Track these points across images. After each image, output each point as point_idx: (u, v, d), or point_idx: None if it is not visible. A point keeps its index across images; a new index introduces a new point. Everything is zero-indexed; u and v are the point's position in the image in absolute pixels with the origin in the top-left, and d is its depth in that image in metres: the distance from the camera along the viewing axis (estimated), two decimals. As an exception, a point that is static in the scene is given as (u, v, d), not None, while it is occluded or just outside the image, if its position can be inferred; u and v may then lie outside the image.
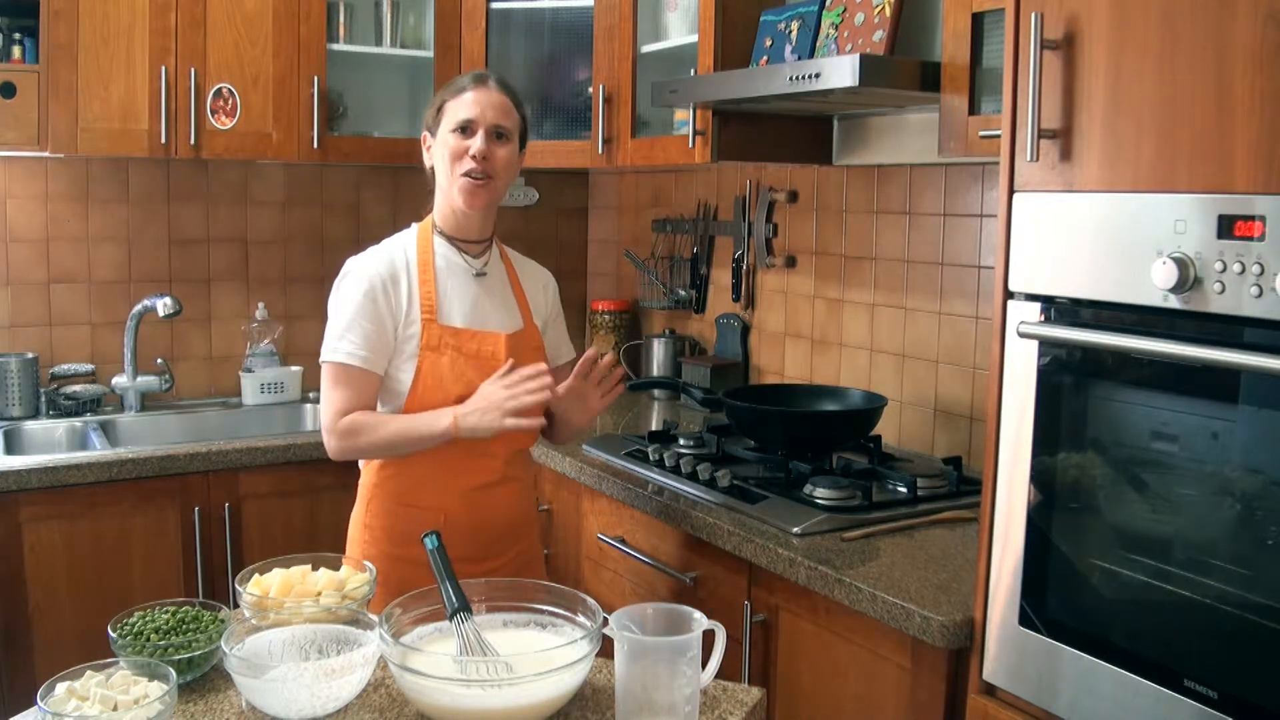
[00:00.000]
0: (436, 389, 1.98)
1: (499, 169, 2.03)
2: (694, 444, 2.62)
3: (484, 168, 2.00)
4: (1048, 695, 1.59)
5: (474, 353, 2.01)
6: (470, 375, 1.99)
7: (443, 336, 2.00)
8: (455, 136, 2.02)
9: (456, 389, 1.98)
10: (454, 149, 2.02)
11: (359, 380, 1.98)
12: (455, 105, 2.03)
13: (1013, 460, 1.63)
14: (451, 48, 3.29)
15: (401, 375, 2.00)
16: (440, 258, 2.07)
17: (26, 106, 2.80)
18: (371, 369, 1.99)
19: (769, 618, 2.08)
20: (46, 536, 2.61)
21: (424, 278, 2.03)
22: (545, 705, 1.41)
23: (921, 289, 2.69)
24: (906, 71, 2.21)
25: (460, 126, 2.01)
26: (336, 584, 1.65)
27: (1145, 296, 1.43)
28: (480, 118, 2.01)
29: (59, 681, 1.38)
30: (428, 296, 2.02)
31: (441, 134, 2.04)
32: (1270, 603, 1.32)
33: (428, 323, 2.00)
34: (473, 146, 2.00)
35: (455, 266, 2.08)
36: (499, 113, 2.03)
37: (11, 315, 3.14)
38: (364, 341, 1.98)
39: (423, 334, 2.00)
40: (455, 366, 2.00)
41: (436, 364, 1.99)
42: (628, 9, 3.00)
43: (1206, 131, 1.36)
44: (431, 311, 2.01)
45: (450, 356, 2.00)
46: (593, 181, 3.95)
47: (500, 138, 2.03)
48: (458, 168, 2.01)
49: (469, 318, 2.05)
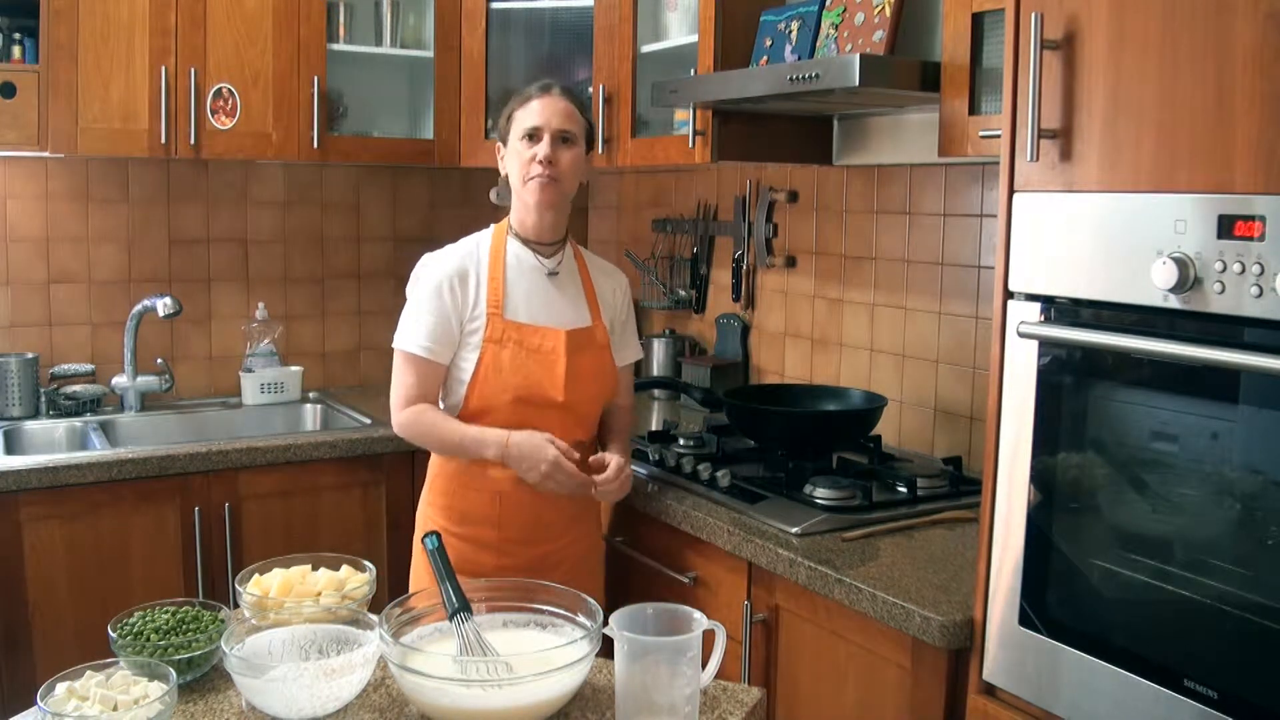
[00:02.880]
0: (495, 378, 2.14)
1: (565, 171, 2.17)
2: (694, 444, 2.62)
3: (550, 171, 2.15)
4: (1048, 695, 1.59)
5: (535, 347, 2.15)
6: (530, 367, 2.14)
7: (506, 330, 2.15)
8: (524, 144, 2.16)
9: (515, 379, 2.14)
10: (523, 155, 2.16)
11: (424, 369, 2.16)
12: (523, 114, 2.18)
13: (1013, 460, 1.63)
14: (451, 48, 3.29)
15: (464, 364, 2.15)
16: (512, 256, 2.22)
17: (26, 106, 2.80)
18: (435, 359, 2.15)
19: (769, 618, 2.08)
20: (46, 536, 2.61)
21: (493, 274, 2.18)
22: (545, 705, 1.41)
23: (921, 289, 2.69)
24: (906, 71, 2.21)
25: (528, 134, 2.16)
26: (336, 584, 1.65)
27: (1145, 296, 1.43)
28: (546, 124, 2.15)
29: (59, 681, 1.38)
30: (494, 293, 2.17)
31: (512, 142, 2.20)
32: (1270, 603, 1.32)
33: (492, 317, 2.15)
34: (539, 152, 2.14)
35: (527, 265, 2.22)
36: (563, 119, 2.17)
37: (11, 315, 3.14)
38: (429, 334, 2.14)
39: (487, 327, 2.15)
40: (515, 359, 2.14)
41: (498, 355, 2.14)
42: (628, 9, 3.00)
43: (1206, 131, 1.36)
44: (497, 307, 2.16)
45: (511, 350, 2.14)
46: (593, 181, 3.94)
47: (565, 142, 2.17)
48: (527, 171, 2.15)
49: (535, 314, 2.19)
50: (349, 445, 2.91)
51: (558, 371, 2.15)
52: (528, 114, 2.17)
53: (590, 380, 2.20)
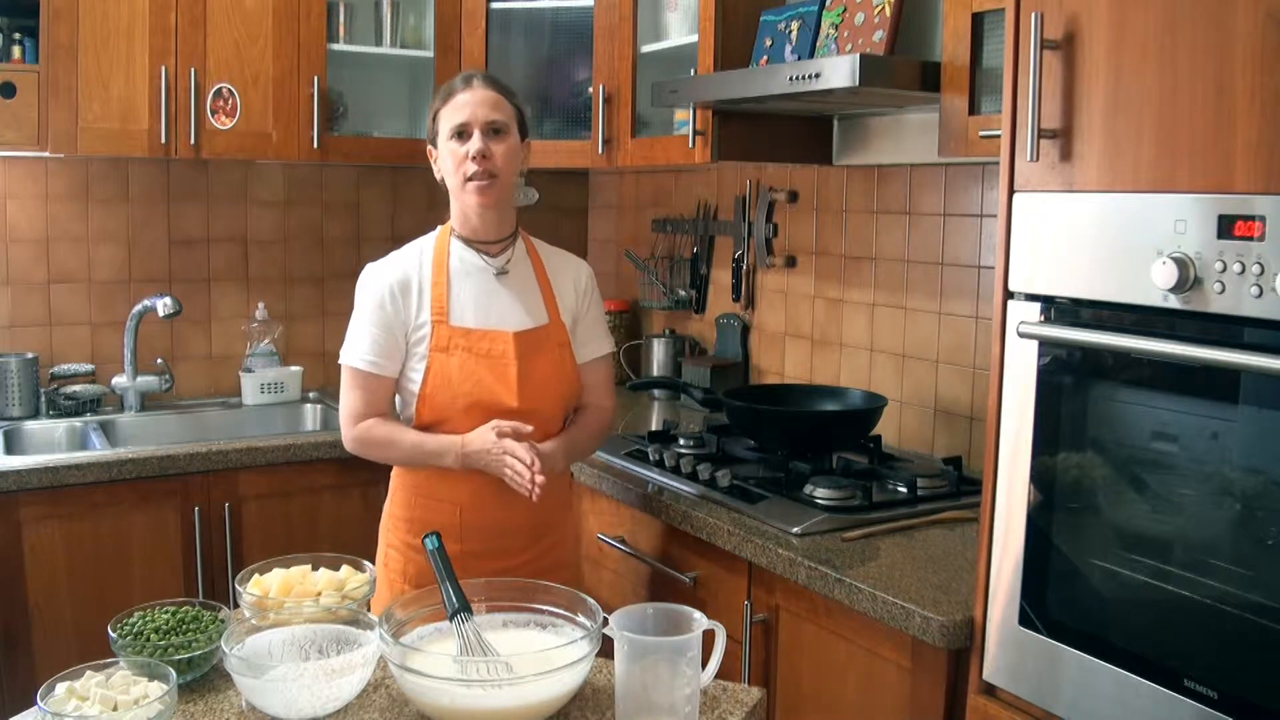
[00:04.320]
0: (445, 388, 2.04)
1: (500, 165, 2.05)
2: (694, 444, 2.62)
3: (485, 166, 2.04)
4: (1048, 695, 1.59)
5: (485, 351, 2.06)
6: (481, 374, 2.04)
7: (452, 337, 2.06)
8: (454, 143, 2.06)
9: (465, 387, 2.04)
10: (455, 155, 2.06)
11: (371, 383, 2.08)
12: (448, 112, 2.07)
13: (1013, 460, 1.63)
14: (451, 48, 3.29)
15: (413, 375, 2.07)
16: (456, 259, 2.12)
17: (26, 106, 2.80)
18: (381, 373, 2.07)
19: (769, 618, 2.08)
20: (46, 536, 2.61)
21: (436, 280, 2.09)
22: (545, 705, 1.41)
23: (921, 289, 2.69)
24: (906, 71, 2.21)
25: (456, 132, 2.05)
26: (336, 584, 1.65)
27: (1145, 296, 1.43)
28: (473, 118, 2.04)
29: (59, 681, 1.38)
30: (438, 299, 2.07)
31: (441, 143, 2.09)
32: (1270, 603, 1.32)
33: (437, 324, 2.06)
34: (470, 149, 2.03)
35: (472, 267, 2.12)
36: (490, 109, 2.05)
37: (11, 315, 3.14)
38: (373, 347, 2.06)
39: (432, 335, 2.05)
40: (465, 366, 2.05)
41: (446, 364, 2.05)
42: (628, 9, 3.00)
43: (1206, 131, 1.36)
44: (442, 314, 2.07)
45: (460, 357, 2.05)
46: (593, 181, 3.95)
47: (497, 134, 2.06)
48: (461, 172, 2.05)
49: (483, 317, 2.09)
50: (349, 445, 2.91)
51: (510, 376, 2.04)
52: (453, 110, 2.05)
53: (547, 382, 2.09)
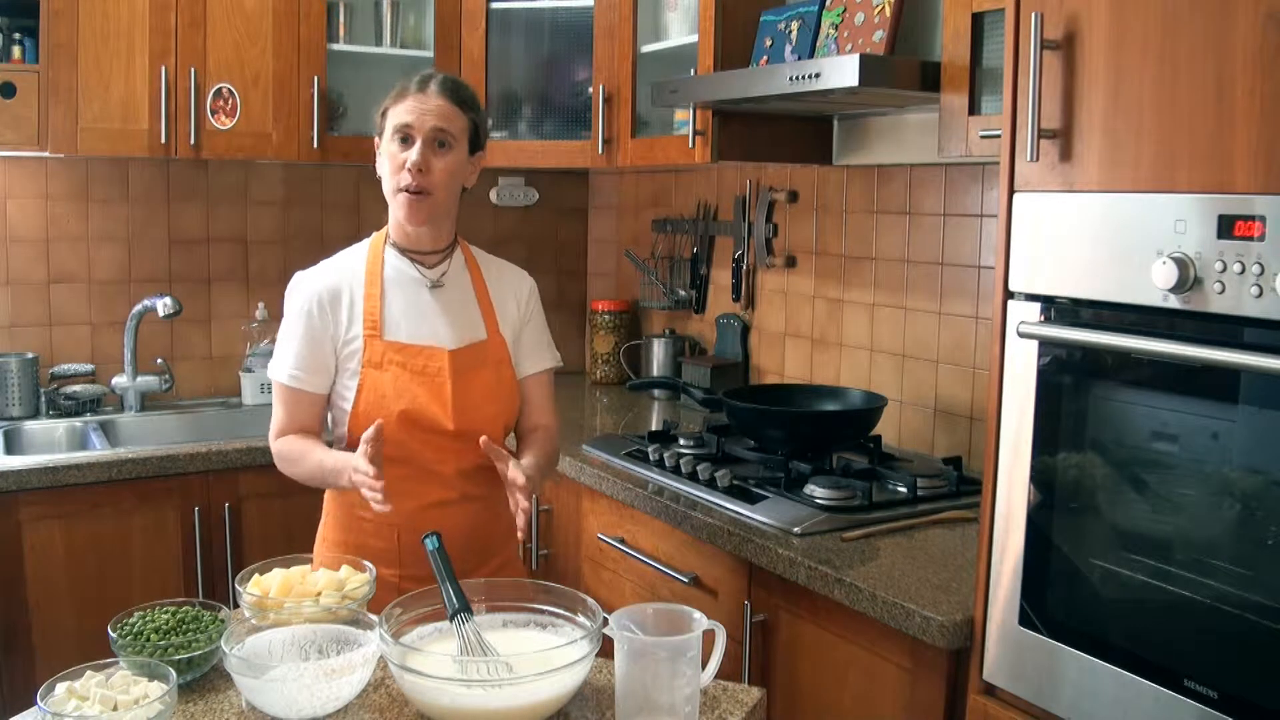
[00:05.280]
0: (378, 406, 1.90)
1: (437, 182, 1.90)
2: (694, 444, 2.62)
3: (420, 181, 1.88)
4: (1048, 695, 1.59)
5: (420, 369, 1.92)
6: (415, 390, 1.91)
7: (385, 352, 1.92)
8: (396, 145, 1.91)
9: (400, 405, 1.89)
10: (394, 159, 1.90)
11: (295, 399, 1.95)
12: (395, 111, 1.91)
13: (1013, 460, 1.63)
14: (451, 48, 3.29)
15: (345, 392, 1.94)
16: (391, 269, 1.98)
17: (26, 106, 2.80)
18: (306, 389, 1.94)
19: (769, 618, 2.08)
20: (46, 536, 2.61)
21: (369, 292, 1.95)
22: (545, 705, 1.41)
23: (921, 289, 2.69)
24: (906, 71, 2.21)
25: (400, 135, 1.90)
26: (336, 584, 1.65)
27: (1145, 296, 1.43)
28: (418, 125, 1.88)
29: (59, 681, 1.38)
30: (371, 312, 1.93)
31: (384, 142, 1.94)
32: (1270, 603, 1.32)
33: (370, 339, 1.92)
34: (409, 158, 1.88)
35: (406, 279, 1.98)
36: (439, 117, 1.89)
37: (11, 315, 3.14)
38: (298, 362, 1.93)
39: (364, 350, 1.92)
40: (398, 382, 1.91)
41: (379, 381, 1.91)
42: (628, 9, 3.00)
43: (1206, 131, 1.36)
44: (375, 327, 1.93)
45: (394, 373, 1.91)
46: (593, 181, 3.95)
47: (442, 146, 1.90)
48: (396, 180, 1.91)
49: (417, 332, 1.95)
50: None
51: (445, 394, 1.90)
52: (401, 111, 1.89)
53: (485, 401, 1.95)
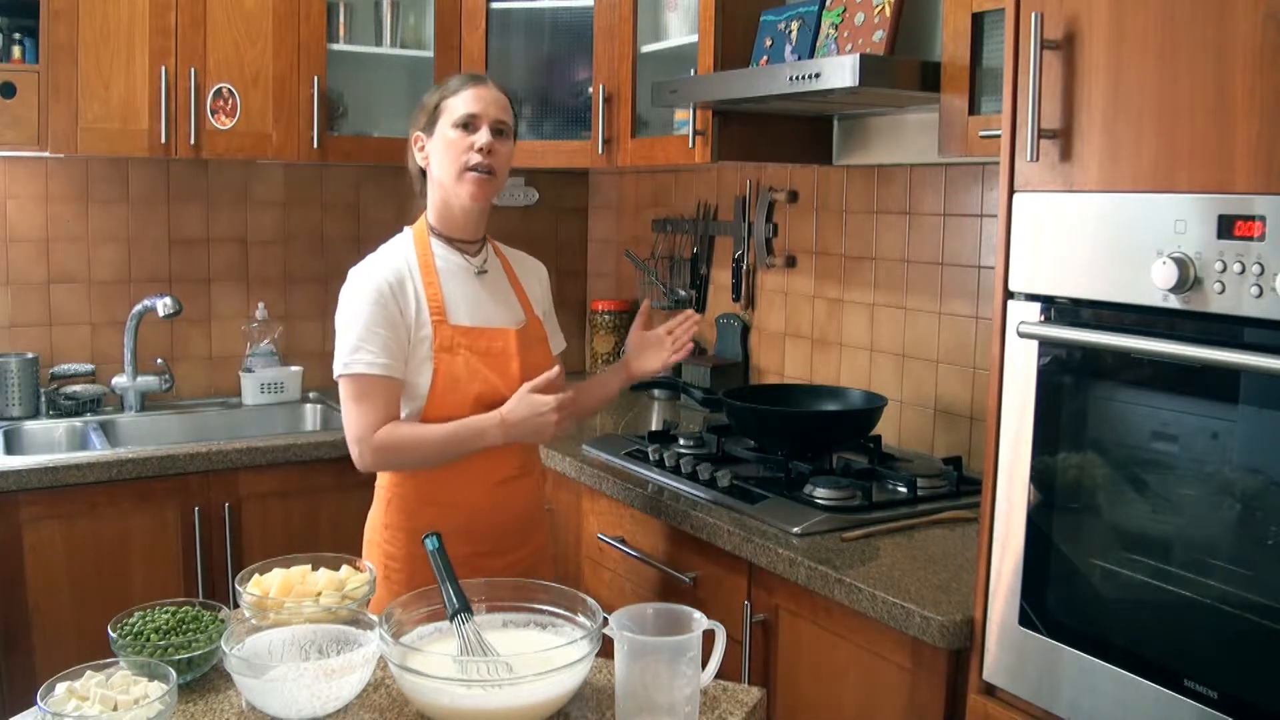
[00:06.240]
0: (454, 390, 1.99)
1: (500, 164, 2.06)
2: (694, 444, 2.62)
3: (489, 162, 2.02)
4: (1048, 695, 1.59)
5: (485, 350, 2.03)
6: (485, 373, 2.01)
7: (454, 337, 2.01)
8: (459, 132, 2.03)
9: (474, 388, 2.00)
10: (457, 144, 2.02)
11: (383, 389, 1.97)
12: (456, 101, 2.04)
13: (1013, 460, 1.63)
14: (451, 48, 3.29)
15: (419, 379, 2.00)
16: (440, 258, 2.08)
17: (26, 106, 2.80)
18: (394, 375, 1.98)
19: (769, 618, 2.08)
20: (46, 536, 2.61)
21: (428, 279, 2.04)
22: (545, 705, 1.41)
23: (921, 289, 2.69)
24: (906, 71, 2.21)
25: (463, 122, 2.03)
26: (336, 584, 1.65)
27: (1145, 296, 1.43)
28: (484, 113, 2.03)
29: (59, 681, 1.38)
30: (434, 298, 2.03)
31: (441, 131, 2.05)
32: (1270, 603, 1.32)
33: (438, 324, 2.01)
34: (478, 140, 2.02)
35: (455, 267, 2.09)
36: (499, 109, 2.06)
37: (11, 315, 3.14)
38: (382, 349, 1.96)
39: (435, 336, 2.00)
40: (470, 365, 2.01)
41: (452, 365, 2.00)
42: (628, 9, 3.00)
43: (1206, 131, 1.36)
44: (441, 313, 2.02)
45: (464, 356, 2.01)
46: (593, 181, 3.95)
47: (500, 134, 2.06)
48: (462, 161, 2.02)
49: (475, 316, 2.06)
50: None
51: (512, 372, 2.03)
52: (463, 101, 2.03)
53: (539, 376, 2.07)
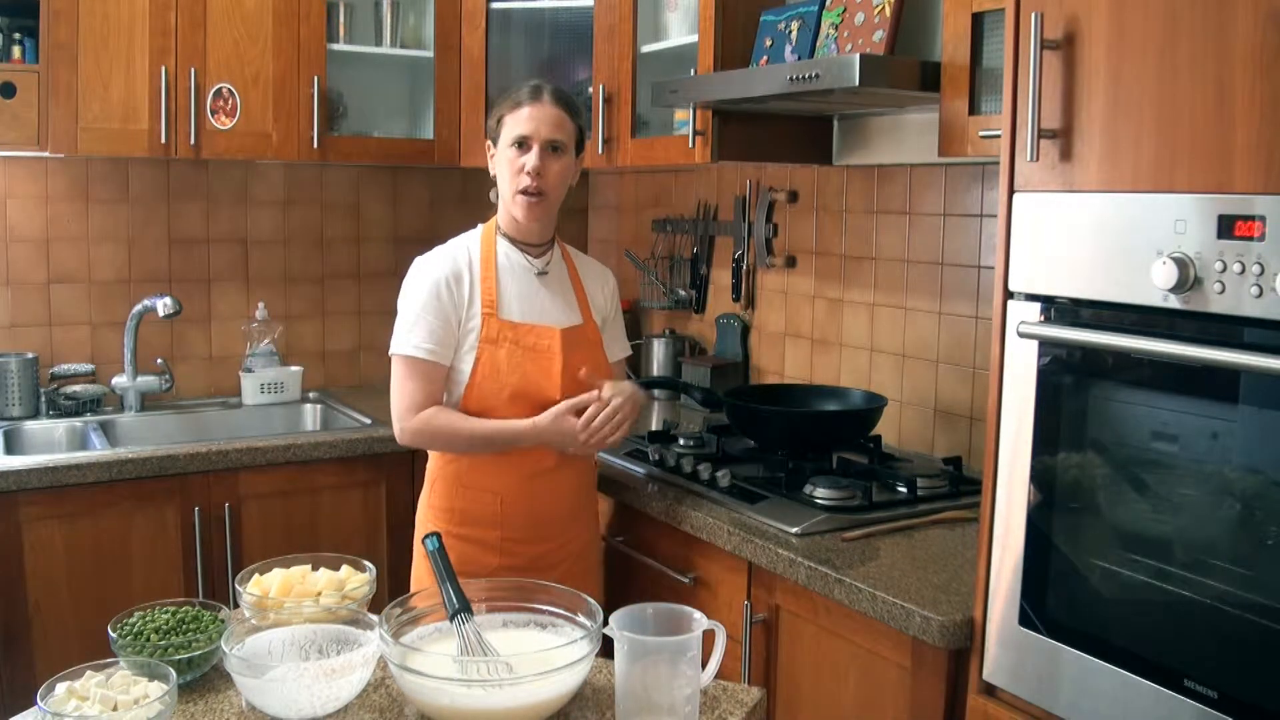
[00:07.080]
0: (492, 379, 2.13)
1: (551, 184, 2.15)
2: (694, 444, 2.62)
3: (537, 185, 2.13)
4: (1048, 695, 1.59)
5: (531, 345, 2.15)
6: (526, 367, 2.14)
7: (501, 330, 2.14)
8: (513, 151, 2.15)
9: (512, 379, 2.13)
10: (512, 164, 2.15)
11: (428, 372, 2.13)
12: (512, 120, 2.15)
13: (1013, 460, 1.63)
14: (451, 48, 3.29)
15: (463, 366, 2.14)
16: (503, 256, 2.21)
17: (26, 106, 2.80)
18: (439, 360, 2.13)
19: (769, 618, 2.08)
20: (46, 536, 2.61)
21: (485, 275, 2.17)
22: (545, 705, 1.41)
23: (921, 289, 2.69)
24: (906, 71, 2.21)
25: (516, 142, 2.14)
26: (336, 584, 1.65)
27: (1145, 296, 1.43)
28: (535, 134, 2.13)
29: (59, 681, 1.38)
30: (488, 293, 2.15)
31: (501, 147, 2.18)
32: (1270, 603, 1.32)
33: (487, 317, 2.14)
34: (528, 163, 2.12)
35: (517, 265, 2.21)
36: (553, 127, 2.14)
37: (11, 315, 3.14)
38: (430, 335, 2.12)
39: (482, 327, 2.14)
40: (512, 359, 2.13)
41: (494, 356, 2.13)
42: (628, 9, 3.00)
43: (1206, 132, 1.36)
44: (492, 306, 2.15)
45: (508, 349, 2.14)
46: (593, 181, 3.95)
47: (555, 151, 2.15)
48: (515, 183, 2.14)
49: (528, 313, 2.18)
50: (349, 445, 2.91)
51: (554, 370, 2.15)
52: (517, 121, 2.15)
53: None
